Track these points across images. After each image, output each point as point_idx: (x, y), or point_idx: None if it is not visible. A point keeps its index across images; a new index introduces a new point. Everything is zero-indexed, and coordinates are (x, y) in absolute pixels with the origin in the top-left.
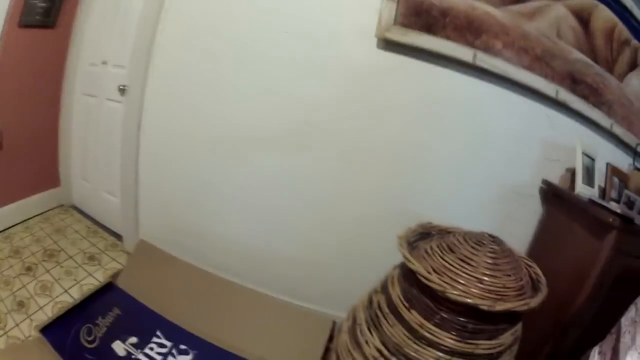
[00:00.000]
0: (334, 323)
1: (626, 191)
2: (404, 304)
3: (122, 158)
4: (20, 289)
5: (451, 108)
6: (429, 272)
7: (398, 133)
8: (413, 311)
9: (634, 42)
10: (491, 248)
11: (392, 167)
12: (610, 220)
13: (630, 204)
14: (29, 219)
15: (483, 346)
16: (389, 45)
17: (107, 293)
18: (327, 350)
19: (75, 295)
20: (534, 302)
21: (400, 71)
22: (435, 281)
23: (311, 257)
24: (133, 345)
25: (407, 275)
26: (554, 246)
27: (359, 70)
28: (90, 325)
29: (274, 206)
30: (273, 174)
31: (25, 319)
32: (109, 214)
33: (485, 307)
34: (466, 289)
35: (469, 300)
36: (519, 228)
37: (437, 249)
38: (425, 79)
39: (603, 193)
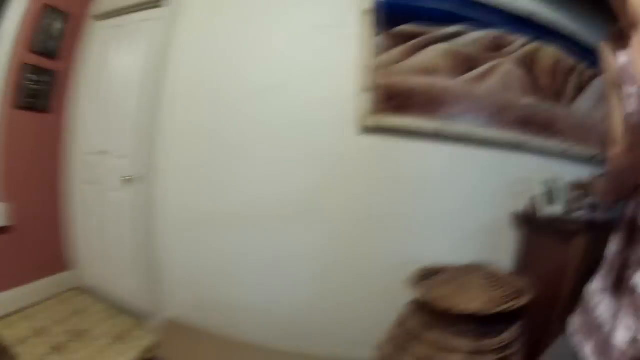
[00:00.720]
0: None
1: (587, 199)
2: (424, 327)
3: (136, 243)
4: None
5: (427, 171)
6: (437, 299)
7: (385, 202)
8: (434, 329)
9: (580, 66)
10: (481, 272)
11: (385, 230)
12: (571, 227)
13: (594, 208)
14: (44, 301)
15: (492, 343)
16: (368, 129)
17: None
18: None
19: None
20: (519, 302)
21: (379, 149)
22: (445, 303)
23: (331, 312)
24: None
25: (421, 306)
26: (536, 260)
27: (345, 154)
28: None
29: (291, 271)
30: (287, 245)
31: None
32: (128, 294)
33: (482, 312)
34: (467, 303)
35: (471, 311)
36: (504, 254)
37: (440, 282)
38: (401, 152)
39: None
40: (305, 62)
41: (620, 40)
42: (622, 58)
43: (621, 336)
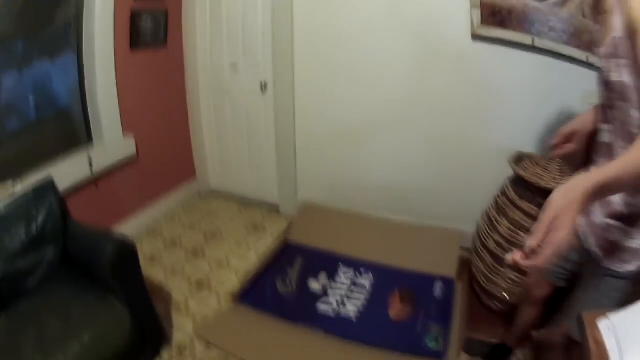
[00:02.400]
0: (461, 235)
1: None
2: (518, 197)
3: (279, 138)
4: (193, 272)
5: (519, 75)
6: (529, 176)
7: (486, 97)
8: (524, 200)
9: None
10: (557, 162)
11: (482, 120)
12: None
13: None
14: (172, 213)
15: None
16: (478, 38)
17: (285, 250)
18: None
19: (254, 260)
20: None
21: (485, 55)
22: (533, 177)
23: (438, 185)
24: (325, 278)
25: (516, 181)
26: None
27: (459, 57)
28: (283, 275)
29: (405, 150)
30: (405, 132)
31: (210, 296)
32: (257, 189)
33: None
34: (548, 182)
35: (549, 185)
36: None
37: (530, 164)
38: (501, 58)
39: None
40: None
41: None
42: None
43: None
